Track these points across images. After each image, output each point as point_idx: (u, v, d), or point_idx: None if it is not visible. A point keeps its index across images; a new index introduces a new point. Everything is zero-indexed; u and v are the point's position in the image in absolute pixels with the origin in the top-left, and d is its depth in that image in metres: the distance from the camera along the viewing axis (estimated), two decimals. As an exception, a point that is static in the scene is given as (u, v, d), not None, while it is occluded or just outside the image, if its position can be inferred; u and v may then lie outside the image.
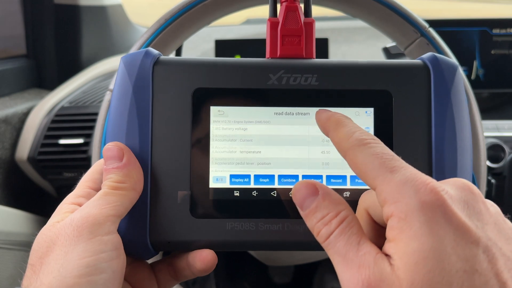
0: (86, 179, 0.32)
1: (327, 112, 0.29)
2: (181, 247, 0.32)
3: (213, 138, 0.33)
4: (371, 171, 0.24)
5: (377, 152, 0.25)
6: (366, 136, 0.26)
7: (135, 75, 0.33)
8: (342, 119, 0.28)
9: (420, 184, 0.23)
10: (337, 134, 0.27)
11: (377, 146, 0.25)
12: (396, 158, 0.25)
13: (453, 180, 0.25)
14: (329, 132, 0.28)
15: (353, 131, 0.26)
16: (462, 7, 2.39)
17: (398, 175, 0.23)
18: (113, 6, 1.14)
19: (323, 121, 0.29)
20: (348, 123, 0.27)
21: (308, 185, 0.26)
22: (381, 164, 0.24)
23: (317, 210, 0.25)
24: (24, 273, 0.27)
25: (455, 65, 0.33)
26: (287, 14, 0.34)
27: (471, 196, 0.23)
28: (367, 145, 0.25)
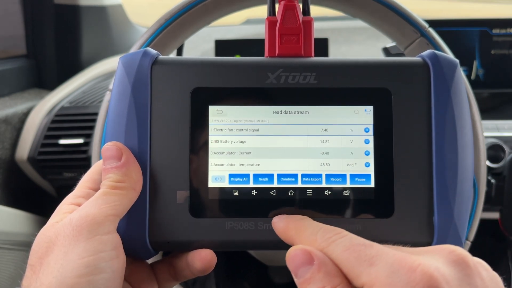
0: (85, 179, 0.32)
1: (282, 220, 0.28)
2: (181, 247, 0.32)
3: (211, 138, 0.33)
4: (352, 270, 0.23)
5: (347, 247, 0.24)
6: (329, 233, 0.25)
7: (133, 75, 0.33)
8: (299, 223, 0.27)
9: (409, 271, 0.21)
10: (302, 242, 0.27)
11: (345, 239, 0.25)
12: (369, 245, 0.24)
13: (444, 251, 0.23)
14: (293, 241, 0.27)
15: (315, 233, 0.26)
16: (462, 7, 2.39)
17: (380, 266, 0.22)
18: (113, 6, 1.15)
19: (283, 232, 0.28)
20: (307, 225, 0.27)
21: (304, 253, 0.25)
22: (357, 258, 0.23)
23: (311, 281, 0.24)
24: (24, 274, 0.27)
25: (455, 62, 0.33)
26: (285, 13, 0.34)
27: (466, 272, 0.22)
28: (334, 242, 0.25)
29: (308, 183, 0.32)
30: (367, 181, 0.32)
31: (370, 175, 0.32)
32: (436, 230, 0.31)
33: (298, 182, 0.32)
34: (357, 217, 0.32)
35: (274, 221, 0.29)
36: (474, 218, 0.49)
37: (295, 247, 0.25)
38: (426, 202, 0.32)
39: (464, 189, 0.32)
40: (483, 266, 0.24)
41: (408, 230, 0.31)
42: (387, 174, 0.32)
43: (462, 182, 0.32)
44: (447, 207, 0.31)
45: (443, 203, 0.31)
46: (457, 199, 0.31)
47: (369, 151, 0.32)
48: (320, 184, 0.32)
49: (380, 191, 0.32)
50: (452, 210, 0.31)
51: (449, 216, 0.31)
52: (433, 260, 0.22)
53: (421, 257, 0.22)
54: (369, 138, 0.33)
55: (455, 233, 0.31)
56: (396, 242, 0.31)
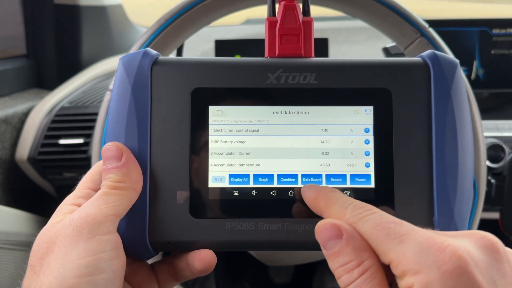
0: (85, 180, 0.32)
1: (313, 190, 0.28)
2: (181, 247, 0.32)
3: (212, 138, 0.33)
4: (380, 246, 0.23)
5: (377, 223, 0.24)
6: (359, 209, 0.25)
7: (133, 76, 0.33)
8: (330, 195, 0.27)
9: (437, 251, 0.21)
10: (331, 215, 0.27)
11: (375, 216, 0.25)
12: (399, 222, 0.24)
13: (475, 235, 0.23)
14: (322, 212, 0.28)
15: (345, 207, 0.26)
16: (462, 7, 2.39)
17: (410, 244, 0.22)
18: (113, 6, 1.15)
19: (312, 201, 0.28)
20: (337, 198, 0.27)
21: (334, 227, 0.25)
22: (387, 235, 0.23)
23: (339, 254, 0.24)
24: (24, 274, 0.27)
25: (455, 62, 0.33)
26: (285, 13, 0.34)
27: (495, 257, 0.22)
28: (364, 218, 0.25)
29: (308, 183, 0.32)
30: (367, 182, 0.32)
31: (370, 175, 0.32)
32: (436, 230, 0.31)
33: (298, 183, 0.32)
34: None
35: (304, 189, 0.29)
36: (474, 218, 0.49)
37: (324, 221, 0.25)
38: (427, 202, 0.32)
39: (465, 189, 0.32)
40: None
41: None
42: (387, 175, 0.32)
43: (463, 182, 0.32)
44: (447, 207, 0.31)
45: (444, 203, 0.31)
46: (457, 199, 0.31)
47: (369, 151, 0.33)
48: (320, 185, 0.32)
49: (380, 192, 0.32)
50: (453, 210, 0.31)
51: (450, 216, 0.31)
52: (464, 243, 0.22)
53: (451, 239, 0.22)
54: (369, 139, 0.33)
55: None
56: None
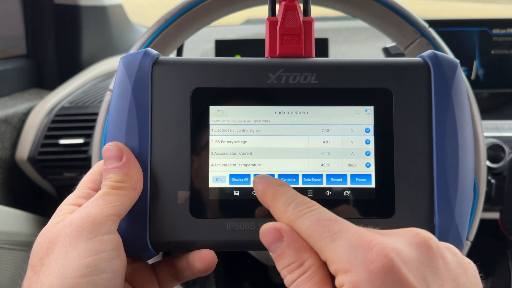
0: (86, 180, 0.32)
1: (262, 182, 0.28)
2: (181, 247, 0.32)
3: (212, 138, 0.33)
4: (316, 244, 0.24)
5: (313, 221, 0.24)
6: (301, 206, 0.26)
7: (134, 76, 0.33)
8: (277, 189, 0.27)
9: (365, 249, 0.22)
10: (275, 210, 0.27)
11: (313, 213, 0.25)
12: (334, 220, 0.24)
13: (409, 233, 0.23)
14: (268, 207, 0.28)
15: (288, 203, 0.26)
16: (462, 7, 2.39)
17: (341, 242, 0.23)
18: (113, 6, 1.14)
19: (260, 195, 0.28)
20: (283, 193, 0.27)
21: (274, 230, 0.26)
22: (322, 233, 0.24)
23: (282, 256, 0.25)
24: (25, 274, 0.27)
25: (456, 62, 0.33)
26: (286, 13, 0.34)
27: (427, 254, 0.22)
28: (303, 216, 0.25)
29: (309, 183, 0.32)
30: (367, 182, 0.32)
31: (370, 175, 0.32)
32: (437, 230, 0.31)
33: (298, 183, 0.32)
34: (358, 218, 0.32)
35: (255, 180, 0.29)
36: (474, 218, 0.49)
37: (266, 225, 0.26)
38: (427, 202, 0.32)
39: (465, 189, 0.32)
40: (451, 250, 0.24)
41: None
42: (388, 175, 0.32)
43: (463, 182, 0.32)
44: (447, 207, 0.31)
45: (444, 203, 0.31)
46: (457, 199, 0.31)
47: (370, 151, 0.33)
48: (320, 185, 0.32)
49: (380, 192, 0.32)
50: (453, 210, 0.31)
51: (450, 216, 0.31)
52: (394, 241, 0.22)
53: (382, 237, 0.23)
54: (370, 139, 0.33)
55: (456, 233, 0.31)
56: None
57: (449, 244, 0.24)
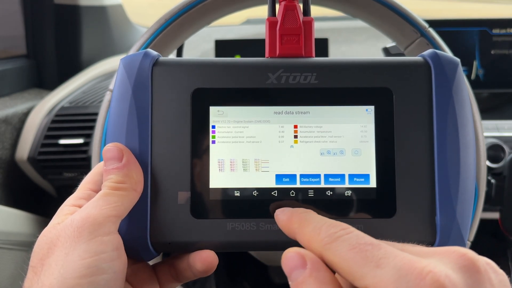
0: (86, 181, 0.32)
1: (285, 212, 0.28)
2: (182, 248, 0.32)
3: (212, 139, 0.33)
4: (356, 270, 0.22)
5: (353, 245, 0.23)
6: (334, 228, 0.24)
7: (134, 77, 0.33)
8: (303, 216, 0.26)
9: (417, 278, 0.20)
10: (304, 236, 0.25)
11: (351, 236, 0.23)
12: (376, 245, 0.23)
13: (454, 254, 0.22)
14: (295, 235, 0.26)
15: (319, 227, 0.25)
16: (462, 7, 2.39)
17: (388, 269, 0.21)
18: (113, 6, 1.14)
19: (285, 224, 0.27)
20: (311, 219, 0.26)
21: (298, 256, 0.24)
22: (363, 258, 0.22)
23: (302, 285, 0.23)
24: (25, 275, 0.27)
25: (456, 61, 0.33)
26: (285, 13, 0.34)
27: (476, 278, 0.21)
28: (339, 239, 0.23)
29: (307, 183, 0.32)
30: (366, 181, 0.32)
31: (369, 175, 0.32)
32: (439, 229, 0.31)
33: (296, 183, 0.32)
34: (359, 217, 0.32)
35: (277, 213, 0.28)
36: (474, 218, 0.49)
37: (290, 249, 0.24)
38: (428, 201, 0.32)
39: (467, 188, 0.32)
40: (492, 268, 0.23)
41: (411, 230, 0.32)
42: (389, 174, 0.32)
43: (464, 181, 0.32)
44: (449, 206, 0.31)
45: (446, 202, 0.31)
46: (459, 199, 0.31)
47: (370, 151, 0.32)
48: (319, 185, 0.32)
49: (382, 191, 0.32)
50: (455, 209, 0.31)
51: (452, 216, 0.31)
52: (443, 266, 0.21)
53: (431, 262, 0.21)
54: (370, 138, 0.33)
55: (458, 232, 0.31)
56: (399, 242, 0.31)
57: (489, 260, 0.23)
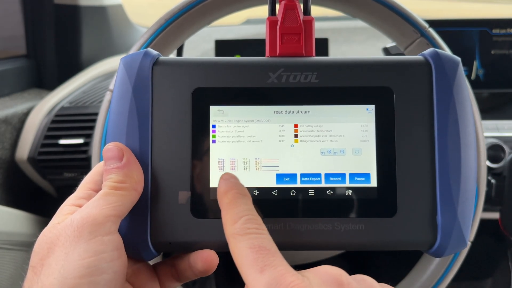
0: (87, 180, 0.32)
1: (228, 182, 0.29)
2: (182, 248, 0.32)
3: (213, 138, 0.33)
4: (245, 267, 0.24)
5: (254, 245, 0.25)
6: (251, 224, 0.26)
7: (134, 76, 0.33)
8: (236, 197, 0.28)
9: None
10: (225, 215, 0.27)
11: (257, 237, 0.25)
12: (273, 252, 0.25)
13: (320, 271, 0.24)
14: (221, 208, 0.28)
15: (240, 215, 0.26)
16: (462, 7, 2.38)
17: (265, 276, 0.23)
18: (113, 6, 1.14)
19: (220, 193, 0.29)
20: (240, 204, 0.27)
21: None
22: (254, 260, 0.24)
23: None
24: (25, 275, 0.27)
25: (457, 60, 0.33)
26: (286, 13, 0.34)
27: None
28: (248, 235, 0.25)
29: (308, 182, 0.32)
30: (366, 181, 0.32)
31: (369, 174, 0.32)
32: (440, 229, 0.31)
33: (297, 182, 0.32)
34: (360, 217, 0.32)
35: (223, 177, 0.29)
36: (474, 218, 0.49)
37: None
38: (429, 201, 0.32)
39: (468, 187, 0.32)
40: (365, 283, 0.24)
41: (411, 229, 0.31)
42: (390, 173, 0.32)
43: (465, 180, 0.32)
44: (450, 206, 0.31)
45: (447, 202, 0.31)
46: (460, 198, 0.31)
47: (371, 150, 0.32)
48: (319, 184, 0.32)
49: (382, 191, 0.32)
50: (456, 209, 0.31)
51: (453, 215, 0.31)
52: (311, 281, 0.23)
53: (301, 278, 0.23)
54: (371, 137, 0.33)
55: (459, 232, 0.31)
56: (399, 242, 0.31)
57: (364, 276, 0.25)
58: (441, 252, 0.32)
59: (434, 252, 0.32)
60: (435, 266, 0.49)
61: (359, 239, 0.31)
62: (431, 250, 0.32)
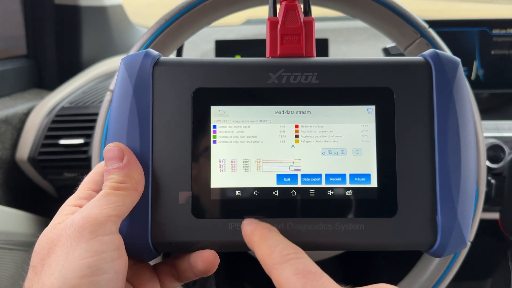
0: (87, 181, 0.32)
1: (252, 224, 0.29)
2: (183, 248, 0.32)
3: (213, 138, 0.33)
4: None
5: (299, 270, 0.25)
6: (288, 250, 0.26)
7: (135, 76, 0.33)
8: (265, 232, 0.28)
9: None
10: (260, 250, 0.27)
11: (299, 261, 0.25)
12: (320, 275, 0.24)
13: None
14: (254, 247, 0.28)
15: (275, 245, 0.26)
16: (462, 7, 2.38)
17: None
18: (113, 6, 1.14)
19: (248, 235, 0.29)
20: (271, 237, 0.27)
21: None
22: (303, 285, 0.24)
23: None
24: (26, 275, 0.27)
25: (457, 61, 0.33)
26: (286, 13, 0.34)
27: None
28: (289, 261, 0.25)
29: (308, 183, 0.32)
30: (367, 181, 0.32)
31: (370, 174, 0.32)
32: (440, 229, 0.31)
33: (297, 182, 0.32)
34: (360, 217, 0.32)
35: (244, 223, 0.30)
36: (474, 218, 0.49)
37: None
38: (430, 201, 0.32)
39: (468, 188, 0.32)
40: None
41: (412, 229, 0.32)
42: (390, 174, 0.32)
43: (466, 181, 0.32)
44: (450, 206, 0.31)
45: (447, 202, 0.31)
46: (460, 198, 0.31)
47: (371, 150, 0.33)
48: (320, 184, 0.32)
49: (383, 191, 0.32)
50: (456, 209, 0.31)
51: (453, 216, 0.31)
52: None
53: None
54: (371, 138, 0.33)
55: (459, 232, 0.31)
56: (400, 242, 0.31)
57: None
58: (441, 252, 0.32)
59: (434, 252, 0.32)
60: (435, 266, 0.50)
61: (360, 240, 0.31)
62: (431, 250, 0.32)
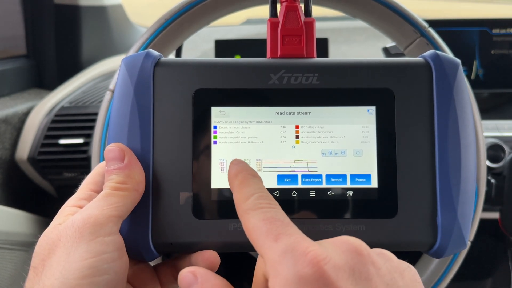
0: (88, 181, 0.32)
1: (238, 166, 0.28)
2: (184, 249, 0.32)
3: (214, 139, 0.33)
4: (259, 238, 0.24)
5: (267, 217, 0.24)
6: (263, 199, 0.26)
7: (136, 77, 0.33)
8: (247, 178, 0.27)
9: (299, 255, 0.22)
10: (238, 194, 0.27)
11: (270, 210, 0.25)
12: (286, 223, 0.24)
13: (339, 241, 0.24)
14: (233, 190, 0.28)
15: (252, 193, 0.26)
16: (462, 7, 2.39)
17: (280, 244, 0.23)
18: (113, 6, 1.14)
19: (230, 176, 0.28)
20: (252, 184, 0.27)
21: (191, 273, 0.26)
22: (268, 230, 0.24)
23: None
24: (26, 275, 0.27)
25: (457, 62, 0.33)
26: (287, 14, 0.34)
27: (358, 260, 0.22)
28: (261, 209, 0.25)
29: (309, 183, 0.32)
30: (367, 182, 0.32)
31: (370, 175, 0.32)
32: (440, 230, 0.31)
33: (298, 183, 0.32)
34: (361, 218, 0.32)
35: (232, 162, 0.29)
36: (474, 218, 0.49)
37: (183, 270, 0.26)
38: (430, 202, 0.32)
39: (468, 188, 0.32)
40: (384, 256, 0.24)
41: (412, 230, 0.32)
42: (390, 175, 0.32)
43: (465, 181, 0.32)
44: (450, 207, 0.31)
45: (447, 203, 0.31)
46: (460, 199, 0.31)
47: (372, 151, 0.33)
48: (320, 185, 0.32)
49: (383, 192, 0.32)
50: (456, 210, 0.31)
51: (453, 216, 0.31)
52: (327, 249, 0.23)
53: (318, 245, 0.23)
54: (372, 139, 0.33)
55: (459, 232, 0.31)
56: (400, 242, 0.31)
57: (383, 250, 0.25)
58: (441, 252, 0.32)
59: (434, 253, 0.32)
60: (435, 266, 0.50)
61: None
62: (431, 251, 0.32)
